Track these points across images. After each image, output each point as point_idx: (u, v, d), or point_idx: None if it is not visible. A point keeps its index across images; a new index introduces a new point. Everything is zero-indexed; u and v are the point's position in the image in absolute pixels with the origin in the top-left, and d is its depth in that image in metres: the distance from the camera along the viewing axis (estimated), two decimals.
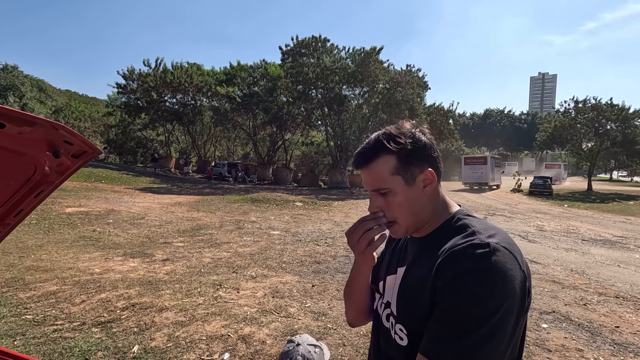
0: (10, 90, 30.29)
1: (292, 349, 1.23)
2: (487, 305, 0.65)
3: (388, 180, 0.79)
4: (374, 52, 24.66)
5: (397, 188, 0.79)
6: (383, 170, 0.79)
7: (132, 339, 3.12)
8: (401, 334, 0.80)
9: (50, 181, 1.18)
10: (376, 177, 0.80)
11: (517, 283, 0.67)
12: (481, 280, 0.66)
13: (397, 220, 0.82)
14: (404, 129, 0.82)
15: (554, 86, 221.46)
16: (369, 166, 0.81)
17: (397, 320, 0.82)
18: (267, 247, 6.87)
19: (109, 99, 39.17)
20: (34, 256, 5.54)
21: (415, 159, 0.80)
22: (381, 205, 0.81)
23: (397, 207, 0.80)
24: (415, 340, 0.76)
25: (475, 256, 0.68)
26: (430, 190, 0.82)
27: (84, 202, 10.97)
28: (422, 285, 0.75)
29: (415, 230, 0.85)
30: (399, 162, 0.79)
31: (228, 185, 23.55)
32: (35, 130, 0.94)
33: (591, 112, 28.14)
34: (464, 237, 0.75)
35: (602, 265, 6.53)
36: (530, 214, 14.48)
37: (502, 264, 0.67)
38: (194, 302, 4.01)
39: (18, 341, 3.00)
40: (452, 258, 0.71)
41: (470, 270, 0.67)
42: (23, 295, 3.96)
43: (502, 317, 0.65)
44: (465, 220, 0.81)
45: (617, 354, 3.23)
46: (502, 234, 0.74)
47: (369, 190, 0.84)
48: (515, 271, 0.68)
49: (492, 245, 0.69)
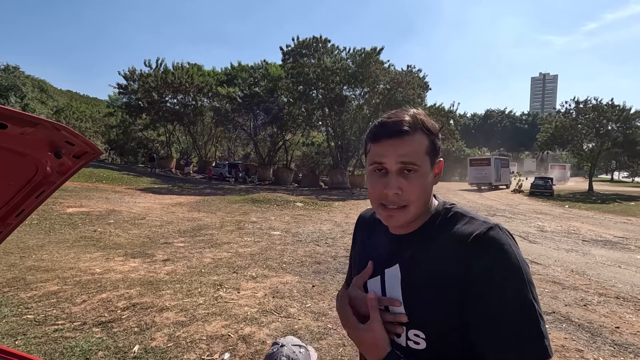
0: (11, 90, 30.37)
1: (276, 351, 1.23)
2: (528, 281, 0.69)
3: (422, 158, 0.76)
4: (375, 52, 24.67)
5: (426, 169, 0.76)
6: (419, 146, 0.76)
7: (132, 338, 3.13)
8: (417, 339, 0.75)
9: (51, 181, 1.19)
10: (413, 150, 0.75)
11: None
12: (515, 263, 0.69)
13: (410, 205, 0.76)
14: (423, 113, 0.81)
15: (555, 86, 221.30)
16: (405, 138, 0.75)
17: (410, 327, 0.75)
18: (267, 248, 6.87)
19: (110, 100, 39.27)
20: (35, 256, 5.55)
21: (437, 147, 0.80)
22: (403, 185, 0.75)
23: (419, 188, 0.75)
24: (435, 341, 0.73)
25: (498, 240, 0.71)
26: (436, 181, 0.82)
27: (85, 203, 10.99)
28: (442, 282, 0.71)
29: (413, 221, 0.80)
30: (430, 144, 0.77)
31: (229, 186, 23.56)
32: (37, 130, 0.94)
33: (592, 112, 28.11)
34: (468, 225, 0.75)
35: (602, 266, 6.53)
36: (531, 215, 14.47)
37: (514, 241, 0.73)
38: (195, 302, 4.02)
39: (19, 341, 3.01)
40: (475, 249, 0.71)
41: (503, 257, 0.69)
42: (24, 295, 3.97)
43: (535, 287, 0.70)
44: (455, 209, 0.81)
45: (617, 354, 3.23)
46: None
47: (391, 165, 0.75)
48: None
49: (501, 227, 0.74)
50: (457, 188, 30.81)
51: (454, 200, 19.92)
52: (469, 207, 0.82)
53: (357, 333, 0.77)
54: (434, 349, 0.73)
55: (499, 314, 0.67)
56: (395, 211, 0.77)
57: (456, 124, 31.99)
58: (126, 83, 28.82)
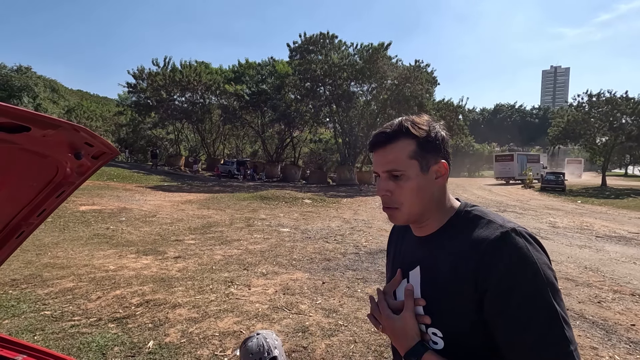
0: (24, 90, 30.92)
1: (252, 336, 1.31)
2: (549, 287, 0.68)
3: (405, 163, 0.80)
4: (382, 47, 24.49)
5: (412, 173, 0.80)
6: (401, 152, 0.80)
7: (147, 334, 3.19)
8: (435, 338, 0.77)
9: (71, 182, 1.21)
10: (393, 159, 0.80)
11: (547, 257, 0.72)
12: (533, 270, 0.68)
13: (402, 207, 0.81)
14: (425, 117, 0.84)
15: (566, 80, 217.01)
16: (387, 147, 0.81)
17: (430, 325, 0.78)
18: (277, 245, 6.91)
19: (119, 99, 39.74)
20: (51, 253, 5.68)
21: (433, 148, 0.81)
22: (391, 188, 0.81)
23: (408, 192, 0.80)
24: (452, 341, 0.75)
25: (514, 246, 0.70)
26: (441, 183, 0.83)
27: (97, 201, 11.18)
28: (458, 283, 0.74)
29: (415, 221, 0.85)
30: (418, 147, 0.80)
31: (237, 183, 23.71)
32: (58, 133, 0.96)
33: (605, 106, 27.49)
34: (486, 229, 0.76)
35: (617, 263, 6.42)
36: (542, 211, 14.27)
37: (533, 244, 0.71)
38: (206, 298, 4.07)
39: (38, 336, 3.09)
40: (490, 253, 0.71)
41: (519, 263, 0.69)
42: (41, 292, 4.07)
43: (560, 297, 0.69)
44: (474, 211, 0.82)
45: (634, 352, 3.18)
46: (512, 219, 0.79)
47: (380, 172, 0.83)
48: (540, 246, 0.73)
49: (519, 230, 0.73)
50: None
51: (463, 196, 19.75)
52: (489, 209, 0.80)
53: (390, 322, 0.80)
54: (452, 348, 0.75)
55: (518, 318, 0.67)
56: (392, 211, 0.83)
57: (465, 119, 31.69)
58: (135, 82, 29.13)
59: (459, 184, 29.17)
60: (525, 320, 0.66)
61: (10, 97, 29.84)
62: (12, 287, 4.16)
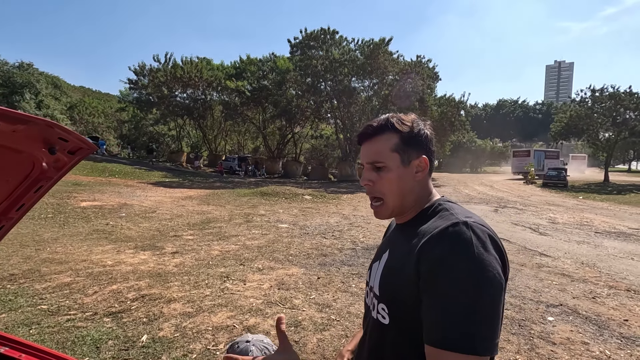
0: (26, 87, 30.98)
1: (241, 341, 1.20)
2: (476, 281, 0.66)
3: (386, 155, 0.85)
4: (384, 43, 24.34)
5: (393, 165, 0.85)
6: (384, 145, 0.85)
7: (141, 328, 3.23)
8: (383, 312, 0.82)
9: (48, 177, 1.22)
10: (376, 150, 0.86)
11: (497, 259, 0.70)
12: (464, 258, 0.68)
13: (385, 198, 0.87)
14: (412, 115, 0.90)
15: (570, 75, 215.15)
16: (372, 139, 0.87)
17: (380, 300, 0.84)
18: (274, 240, 6.94)
19: (121, 95, 39.76)
20: (50, 249, 5.73)
21: (415, 144, 0.86)
22: (374, 178, 0.87)
23: (388, 182, 0.85)
24: (395, 318, 0.79)
25: (455, 235, 0.71)
26: (420, 177, 0.87)
27: (98, 197, 11.24)
28: (403, 266, 0.78)
29: (399, 214, 0.90)
30: (401, 141, 0.85)
31: (238, 179, 23.76)
32: (29, 128, 0.98)
33: (609, 101, 27.26)
34: (443, 220, 0.78)
35: (614, 258, 6.41)
36: (542, 206, 14.23)
37: (482, 240, 0.70)
38: (201, 293, 4.10)
39: (34, 330, 3.13)
40: (433, 239, 0.73)
41: (454, 250, 0.69)
42: (39, 286, 4.11)
43: (492, 293, 0.67)
44: (445, 205, 0.85)
45: (624, 347, 3.19)
46: (478, 217, 0.79)
47: (364, 163, 0.89)
48: (495, 246, 0.71)
49: (471, 224, 0.72)
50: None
51: (464, 192, 19.70)
52: (460, 206, 0.82)
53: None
54: (396, 325, 0.78)
55: (436, 300, 0.68)
56: (376, 207, 0.90)
57: (467, 114, 31.45)
58: (136, 78, 29.12)
59: (460, 180, 29.11)
60: (442, 303, 0.67)
61: (12, 94, 29.93)
62: (10, 282, 4.20)
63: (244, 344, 1.13)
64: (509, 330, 3.43)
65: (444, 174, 37.86)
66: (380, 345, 0.83)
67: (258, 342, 1.14)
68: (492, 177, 34.84)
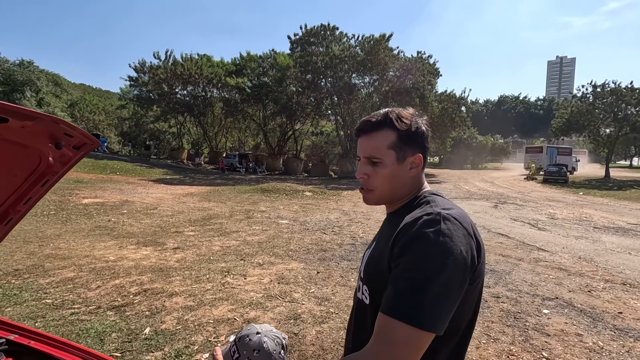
0: (27, 85, 31.00)
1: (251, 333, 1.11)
2: (434, 263, 0.71)
3: (383, 152, 0.88)
4: (384, 39, 24.29)
5: (388, 161, 0.88)
6: (382, 141, 0.88)
7: (144, 321, 3.30)
8: (365, 294, 0.89)
9: (54, 171, 1.28)
10: (373, 146, 0.89)
11: (464, 248, 0.74)
12: (430, 243, 0.73)
13: (375, 190, 0.91)
14: (410, 112, 0.92)
15: (572, 70, 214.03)
16: (370, 134, 0.90)
17: (363, 282, 0.91)
18: (275, 236, 7.01)
19: (121, 92, 39.79)
20: (53, 245, 5.80)
21: (412, 141, 0.89)
22: (369, 172, 0.91)
23: (382, 178, 0.89)
24: (375, 299, 0.85)
25: (426, 222, 0.76)
26: (414, 173, 0.91)
27: (99, 194, 11.32)
28: (383, 251, 0.83)
29: (387, 202, 0.95)
30: (398, 139, 0.87)
31: (239, 176, 23.83)
32: (37, 124, 1.03)
33: (610, 96, 27.18)
34: (421, 209, 0.83)
35: (612, 253, 6.46)
36: (542, 202, 14.27)
37: (450, 230, 0.74)
38: (203, 288, 4.17)
39: (39, 323, 3.20)
40: (406, 226, 0.78)
41: (421, 234, 0.74)
42: (43, 281, 4.18)
43: (450, 276, 0.71)
44: (428, 197, 0.89)
45: (617, 338, 3.25)
46: (457, 209, 0.82)
47: (361, 157, 0.92)
48: (462, 238, 0.75)
49: (443, 214, 0.77)
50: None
51: (464, 187, 19.73)
52: (443, 199, 0.86)
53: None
54: (375, 305, 0.83)
55: (395, 279, 0.74)
56: (365, 192, 0.95)
57: (468, 110, 31.41)
58: (137, 75, 29.13)
59: (461, 177, 29.12)
60: (399, 278, 0.73)
61: (13, 92, 29.97)
62: (14, 277, 4.28)
63: (255, 336, 1.08)
64: (504, 323, 3.49)
65: (444, 171, 37.86)
66: (363, 323, 0.89)
67: (268, 332, 1.10)
68: (493, 174, 34.84)
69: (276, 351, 1.07)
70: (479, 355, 2.88)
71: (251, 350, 1.05)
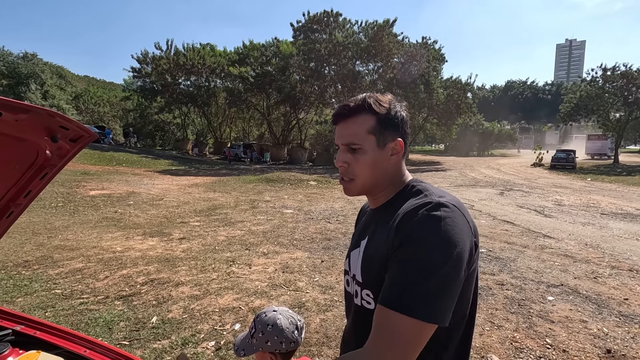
0: (31, 78, 31.13)
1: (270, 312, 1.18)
2: (438, 254, 0.69)
3: (362, 137, 0.84)
4: (388, 24, 23.88)
5: (368, 147, 0.84)
6: (361, 127, 0.84)
7: (151, 310, 3.35)
8: (368, 298, 0.84)
9: (52, 164, 1.28)
10: (352, 132, 0.85)
11: (466, 235, 0.73)
12: (432, 233, 0.71)
13: (356, 179, 0.87)
14: (389, 96, 0.88)
15: (582, 53, 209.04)
16: (348, 120, 0.86)
17: (363, 287, 0.85)
18: (279, 225, 7.05)
19: (125, 84, 39.81)
20: (61, 236, 5.90)
21: (392, 126, 0.85)
22: (349, 160, 0.86)
23: (362, 165, 0.85)
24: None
25: (426, 211, 0.74)
26: (395, 160, 0.88)
27: (106, 185, 11.43)
28: (381, 248, 0.80)
29: (368, 192, 0.91)
30: (377, 123, 0.84)
31: (244, 166, 23.89)
32: (31, 117, 1.02)
33: (620, 79, 26.57)
34: (417, 199, 0.80)
35: (619, 239, 6.40)
36: (549, 189, 14.13)
37: (450, 218, 0.73)
38: (208, 277, 4.22)
39: (49, 312, 3.27)
40: (405, 216, 0.76)
41: (421, 224, 0.72)
42: (52, 272, 4.26)
43: (453, 266, 0.69)
44: (419, 186, 0.86)
45: (622, 325, 3.24)
46: (451, 196, 0.81)
47: (339, 145, 0.88)
48: (463, 225, 0.74)
49: (442, 202, 0.75)
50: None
51: (470, 175, 19.61)
52: (434, 186, 0.84)
53: None
54: None
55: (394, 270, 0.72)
56: (345, 183, 0.90)
57: (474, 97, 31.01)
58: (140, 66, 29.07)
59: (467, 164, 28.89)
60: (398, 270, 0.71)
61: (18, 85, 30.13)
62: (24, 268, 4.36)
63: (271, 313, 1.16)
64: (508, 310, 3.49)
65: (450, 158, 37.58)
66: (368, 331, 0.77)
67: (284, 311, 1.18)
68: (499, 160, 34.49)
69: (289, 329, 1.14)
70: (483, 342, 2.90)
71: (265, 325, 1.13)
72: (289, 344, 1.12)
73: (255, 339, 1.13)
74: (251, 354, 1.14)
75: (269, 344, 1.11)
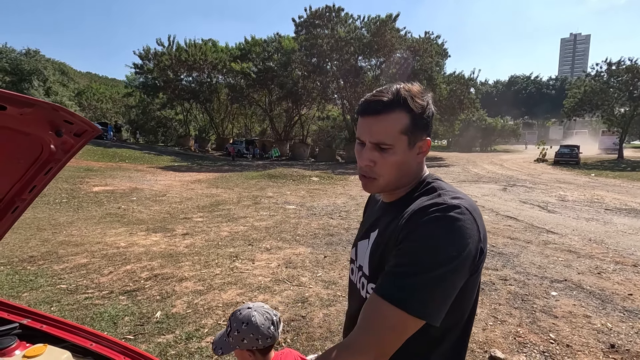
0: (34, 74, 31.20)
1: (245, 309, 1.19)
2: (441, 255, 0.68)
3: (395, 137, 0.77)
4: (390, 19, 23.70)
5: (399, 148, 0.78)
6: (394, 126, 0.77)
7: (155, 305, 3.37)
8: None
9: (57, 159, 1.28)
10: (383, 131, 0.77)
11: (472, 241, 0.70)
12: (438, 233, 0.70)
13: (379, 178, 0.82)
14: (419, 88, 0.81)
15: (586, 48, 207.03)
16: (380, 116, 0.77)
17: (369, 280, 0.84)
18: (282, 221, 7.05)
19: (127, 80, 39.79)
20: (66, 232, 5.93)
21: (423, 125, 0.80)
22: (376, 159, 0.80)
23: (390, 165, 0.80)
24: None
25: (436, 212, 0.71)
26: (421, 159, 0.85)
27: (109, 182, 11.48)
28: (389, 242, 0.78)
29: (388, 191, 0.87)
30: (411, 122, 0.77)
31: (246, 162, 23.92)
32: (36, 111, 1.02)
33: (625, 74, 26.33)
34: (430, 198, 0.78)
35: (623, 235, 6.37)
36: (552, 184, 14.06)
37: (461, 221, 0.70)
38: (212, 272, 4.24)
39: (54, 307, 3.30)
40: (415, 214, 0.74)
41: (430, 224, 0.71)
42: (57, 267, 4.29)
43: (452, 270, 0.68)
44: (434, 183, 0.83)
45: (626, 320, 3.23)
46: (467, 198, 0.77)
47: (366, 141, 0.80)
48: (473, 231, 0.71)
49: (455, 204, 0.72)
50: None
51: (473, 170, 19.53)
52: (449, 185, 0.82)
53: None
54: None
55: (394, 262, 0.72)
56: (367, 180, 0.85)
57: (477, 92, 30.82)
58: (142, 63, 29.06)
59: (470, 159, 28.77)
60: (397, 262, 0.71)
61: (21, 81, 30.20)
62: (30, 264, 4.40)
63: (245, 310, 1.16)
64: (511, 305, 3.49)
65: (453, 154, 37.43)
66: None
67: (259, 308, 1.18)
68: (503, 156, 34.32)
69: (264, 326, 1.14)
70: (486, 337, 2.90)
71: (240, 323, 1.13)
72: (265, 340, 1.13)
73: (232, 338, 1.13)
74: (229, 352, 1.14)
75: (246, 341, 1.11)
